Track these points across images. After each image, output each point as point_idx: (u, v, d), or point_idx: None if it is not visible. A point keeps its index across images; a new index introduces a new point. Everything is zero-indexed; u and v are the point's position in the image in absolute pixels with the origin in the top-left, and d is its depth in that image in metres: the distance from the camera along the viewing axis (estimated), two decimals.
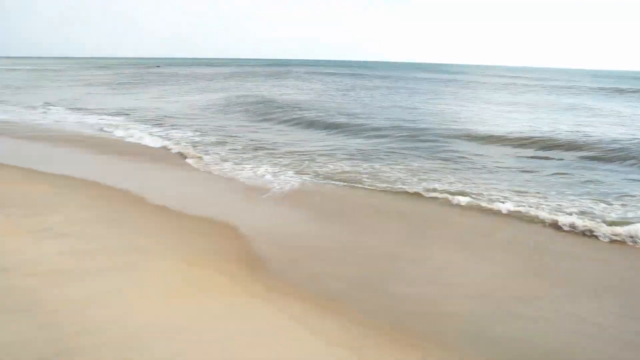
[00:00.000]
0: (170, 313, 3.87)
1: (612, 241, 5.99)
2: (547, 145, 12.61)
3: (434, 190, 8.00)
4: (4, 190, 7.07)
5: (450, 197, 7.60)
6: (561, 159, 11.15)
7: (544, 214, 6.77)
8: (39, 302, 3.86)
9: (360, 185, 8.45)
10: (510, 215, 6.88)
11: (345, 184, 8.58)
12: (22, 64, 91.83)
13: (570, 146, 12.44)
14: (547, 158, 11.31)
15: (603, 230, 6.18)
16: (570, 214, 6.80)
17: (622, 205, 7.34)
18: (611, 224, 6.35)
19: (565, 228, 6.36)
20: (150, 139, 13.02)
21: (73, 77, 49.50)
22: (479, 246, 5.83)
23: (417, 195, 7.83)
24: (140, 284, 4.34)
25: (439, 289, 4.64)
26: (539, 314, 4.22)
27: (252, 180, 8.72)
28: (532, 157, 11.38)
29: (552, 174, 9.68)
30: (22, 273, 4.35)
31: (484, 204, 7.26)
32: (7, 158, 9.42)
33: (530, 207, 7.12)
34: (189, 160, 10.41)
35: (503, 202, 7.29)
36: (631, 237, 5.97)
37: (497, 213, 6.97)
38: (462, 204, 7.37)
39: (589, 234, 6.17)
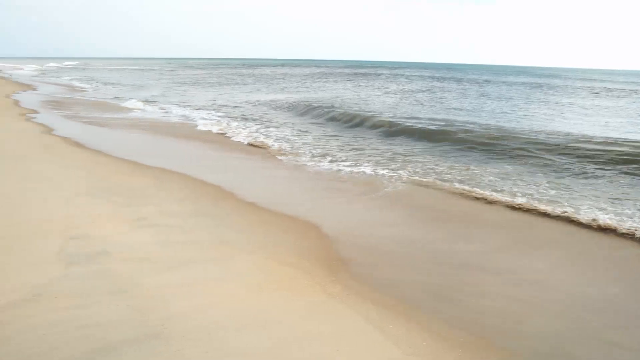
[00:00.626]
0: (251, 307, 3.96)
1: None
2: None
3: (527, 198, 7.57)
4: (112, 181, 7.68)
5: (543, 207, 7.14)
6: None
7: None
8: (133, 286, 4.12)
9: (453, 189, 8.22)
10: (611, 230, 6.30)
11: (438, 186, 8.40)
12: (106, 65, 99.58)
13: None
14: None
15: None
16: None
17: None
18: None
19: None
20: (245, 135, 13.58)
21: (169, 76, 52.82)
22: (570, 262, 5.40)
23: (508, 201, 7.43)
24: (224, 277, 4.49)
25: (522, 304, 4.35)
26: (636, 345, 3.80)
27: (342, 180, 8.76)
28: (633, 167, 10.34)
29: None
30: (119, 258, 4.68)
31: (579, 217, 6.72)
32: (121, 150, 10.25)
33: (634, 221, 6.49)
34: (281, 157, 10.70)
35: (602, 215, 6.70)
36: None
37: (595, 227, 6.42)
38: (556, 215, 6.88)
39: None
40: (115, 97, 25.24)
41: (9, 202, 6.16)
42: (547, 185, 8.59)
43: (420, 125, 15.36)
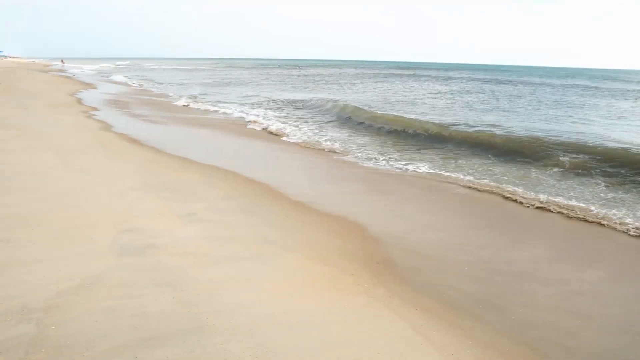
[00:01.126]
0: (294, 306, 3.98)
1: None
2: None
3: (584, 206, 7.23)
4: (163, 177, 7.94)
5: (601, 217, 6.80)
6: None
7: None
8: (180, 279, 4.23)
9: (506, 194, 7.98)
10: None
11: (491, 191, 8.21)
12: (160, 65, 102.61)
13: None
14: None
15: None
16: None
17: None
18: None
19: None
20: (297, 135, 13.71)
21: (217, 76, 53.97)
22: (629, 275, 5.11)
23: (563, 209, 7.13)
24: (268, 275, 4.54)
25: (574, 318, 4.15)
26: None
27: (393, 182, 8.68)
28: None
29: None
30: (168, 252, 4.82)
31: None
32: (173, 147, 10.59)
33: None
34: (334, 157, 10.74)
35: None
36: None
37: None
38: (614, 226, 6.53)
39: None
40: (170, 95, 26.11)
41: (67, 194, 6.48)
42: (605, 195, 8.19)
43: (474, 129, 15.00)
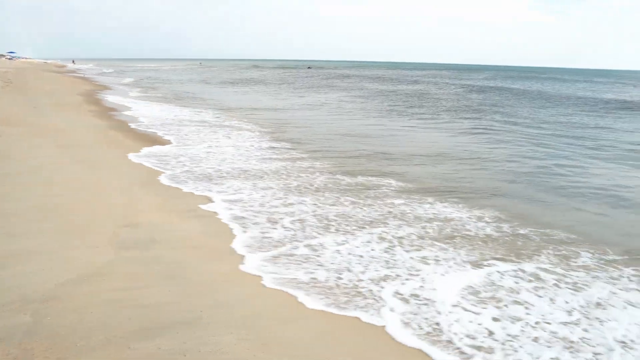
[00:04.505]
0: (289, 300, 3.99)
1: None
2: None
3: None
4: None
5: None
6: None
7: None
8: (181, 272, 4.27)
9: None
10: None
11: None
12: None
13: None
14: None
15: None
16: None
17: None
18: None
19: None
20: None
21: (241, 76, 53.76)
22: None
23: None
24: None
25: None
26: None
27: None
28: None
29: None
30: (168, 246, 4.85)
31: None
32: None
33: None
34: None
35: None
36: None
37: None
38: None
39: None
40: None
41: (71, 189, 6.54)
42: None
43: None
